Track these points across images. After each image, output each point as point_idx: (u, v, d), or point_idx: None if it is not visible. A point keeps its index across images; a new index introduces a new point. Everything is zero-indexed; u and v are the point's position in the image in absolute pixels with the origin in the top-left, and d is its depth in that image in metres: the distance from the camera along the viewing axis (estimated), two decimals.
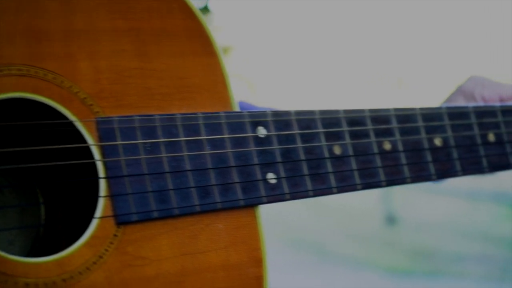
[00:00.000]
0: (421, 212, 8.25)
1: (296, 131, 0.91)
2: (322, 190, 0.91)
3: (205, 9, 4.24)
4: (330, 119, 0.94)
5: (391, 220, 7.98)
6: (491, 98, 1.30)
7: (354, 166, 0.93)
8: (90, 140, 0.82)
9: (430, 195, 8.36)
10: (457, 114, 1.07)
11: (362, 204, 8.85)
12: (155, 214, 0.82)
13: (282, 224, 7.92)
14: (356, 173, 0.93)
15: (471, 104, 1.10)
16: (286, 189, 0.88)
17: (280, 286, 5.55)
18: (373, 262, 6.22)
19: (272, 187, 0.88)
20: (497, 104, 1.14)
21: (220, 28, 4.33)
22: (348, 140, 0.94)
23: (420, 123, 1.01)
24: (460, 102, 1.30)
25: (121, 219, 0.81)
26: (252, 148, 0.88)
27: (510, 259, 6.33)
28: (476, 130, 1.08)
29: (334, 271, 5.96)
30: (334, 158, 0.92)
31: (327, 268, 6.04)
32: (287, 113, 0.91)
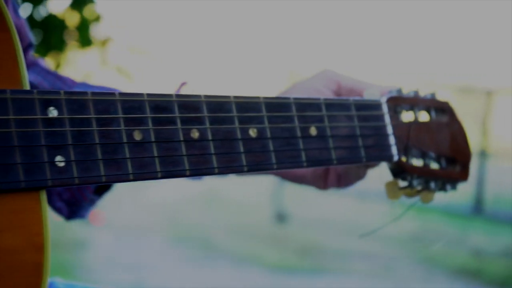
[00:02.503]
0: (311, 209, 8.37)
1: (92, 113, 0.86)
2: (117, 176, 0.86)
3: None
4: (132, 102, 0.89)
5: (280, 217, 8.04)
6: (346, 86, 1.29)
7: (155, 153, 0.89)
8: None
9: (321, 193, 8.46)
10: (276, 105, 1.04)
11: (252, 200, 8.90)
12: None
13: (169, 218, 7.85)
14: (157, 160, 0.89)
15: (293, 96, 1.08)
16: (75, 173, 0.83)
17: (166, 280, 5.49)
18: (260, 258, 6.25)
19: (60, 170, 0.83)
20: (322, 97, 1.12)
21: (102, 18, 4.22)
22: (150, 126, 0.90)
23: (234, 112, 0.98)
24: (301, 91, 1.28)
25: None
26: (41, 128, 0.82)
27: (393, 257, 6.50)
28: (296, 123, 1.05)
29: (220, 267, 5.96)
30: (133, 144, 0.88)
31: (213, 264, 6.03)
32: (83, 94, 0.86)
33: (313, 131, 1.08)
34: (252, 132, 1.00)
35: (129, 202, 8.40)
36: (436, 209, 7.86)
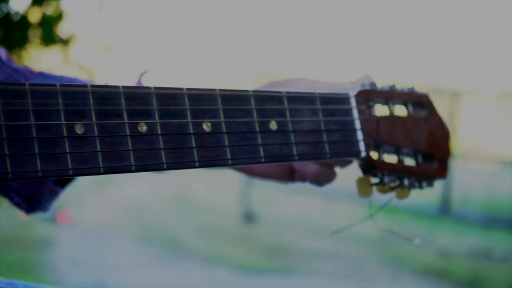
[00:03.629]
0: (279, 210, 8.34)
1: (29, 106, 0.80)
2: (55, 171, 0.80)
3: None
4: (74, 94, 0.83)
5: (248, 217, 8.00)
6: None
7: (98, 147, 0.83)
8: None
9: (289, 193, 8.46)
10: (233, 98, 0.98)
11: (220, 200, 8.84)
12: None
13: (137, 218, 7.78)
14: (100, 155, 0.83)
15: (253, 88, 1.02)
16: (9, 168, 0.77)
17: (132, 280, 5.43)
18: (227, 259, 6.21)
19: None
20: (283, 90, 1.06)
21: (65, 15, 4.15)
22: (94, 119, 0.84)
23: (187, 105, 0.92)
24: None
25: None
26: None
27: (359, 257, 6.50)
28: (254, 117, 1.00)
29: (187, 267, 5.91)
30: (74, 138, 0.82)
31: (180, 264, 5.98)
32: (21, 85, 0.80)
33: (273, 125, 1.02)
34: (206, 126, 0.94)
35: (96, 201, 8.31)
36: (403, 210, 7.87)
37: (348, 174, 1.31)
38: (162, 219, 7.79)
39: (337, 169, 1.28)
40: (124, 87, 0.87)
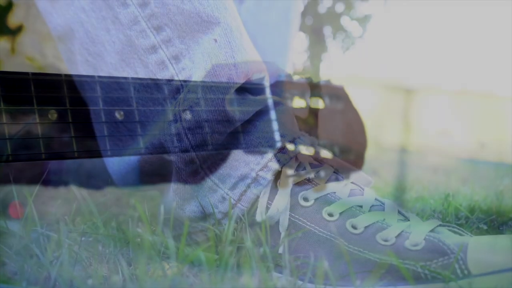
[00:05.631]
0: None
1: None
2: None
3: None
4: None
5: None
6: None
7: (6, 135, 0.83)
8: None
9: None
10: (146, 86, 0.98)
11: None
12: None
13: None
14: (8, 143, 0.83)
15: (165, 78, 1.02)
16: None
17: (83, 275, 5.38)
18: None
19: None
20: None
21: (17, 6, 4.08)
22: (1, 106, 0.83)
23: (98, 93, 0.92)
24: None
25: None
26: None
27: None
28: (171, 105, 1.00)
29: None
30: None
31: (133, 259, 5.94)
32: None
33: (187, 115, 1.02)
34: (118, 115, 0.94)
35: (48, 194, 8.21)
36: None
37: None
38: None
39: None
40: (33, 73, 0.86)
